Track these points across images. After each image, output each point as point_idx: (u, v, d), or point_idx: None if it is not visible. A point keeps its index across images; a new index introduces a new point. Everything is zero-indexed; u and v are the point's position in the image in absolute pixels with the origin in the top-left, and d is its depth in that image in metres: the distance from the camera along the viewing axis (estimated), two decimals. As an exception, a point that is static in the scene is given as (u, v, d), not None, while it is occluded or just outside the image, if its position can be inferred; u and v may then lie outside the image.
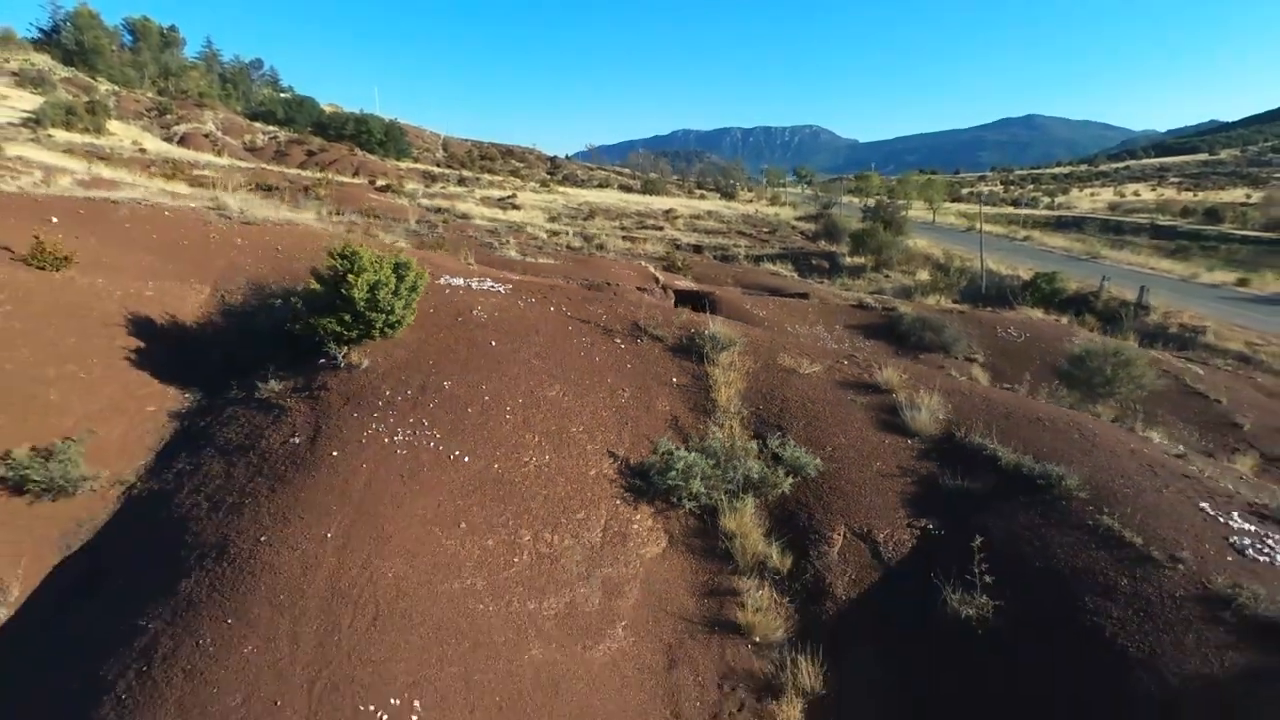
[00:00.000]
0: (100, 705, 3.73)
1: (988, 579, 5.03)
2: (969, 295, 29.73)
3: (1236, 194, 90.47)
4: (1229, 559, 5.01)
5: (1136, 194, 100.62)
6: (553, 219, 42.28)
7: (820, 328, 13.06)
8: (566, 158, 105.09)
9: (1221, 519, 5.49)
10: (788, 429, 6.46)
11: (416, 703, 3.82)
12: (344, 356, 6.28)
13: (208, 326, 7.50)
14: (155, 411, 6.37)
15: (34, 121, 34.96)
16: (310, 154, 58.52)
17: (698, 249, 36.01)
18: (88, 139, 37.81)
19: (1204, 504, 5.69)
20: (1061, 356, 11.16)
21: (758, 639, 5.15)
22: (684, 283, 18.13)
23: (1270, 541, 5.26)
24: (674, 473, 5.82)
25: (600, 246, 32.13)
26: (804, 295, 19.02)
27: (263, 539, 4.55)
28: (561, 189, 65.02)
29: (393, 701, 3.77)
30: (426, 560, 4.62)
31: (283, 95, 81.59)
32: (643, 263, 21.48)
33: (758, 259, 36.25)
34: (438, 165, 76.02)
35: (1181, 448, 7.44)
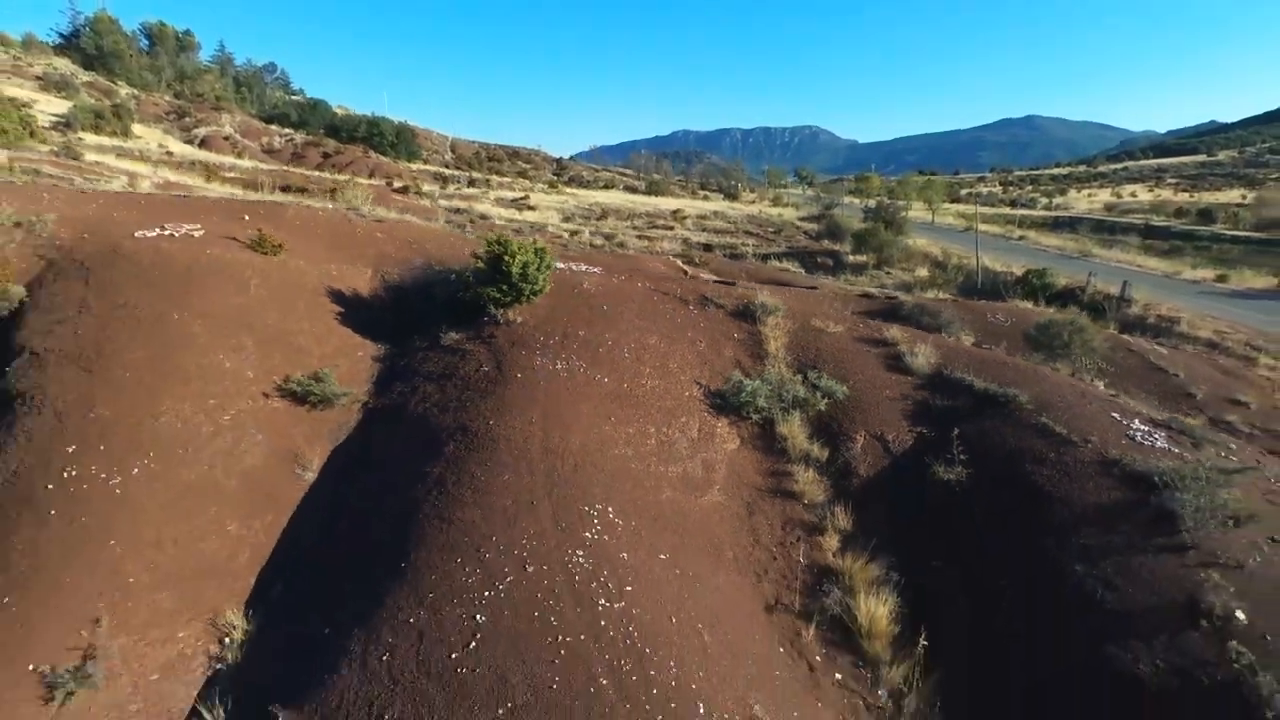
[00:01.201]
0: (421, 512, 6.31)
1: (962, 457, 7.65)
2: (965, 290, 32.31)
3: (1233, 195, 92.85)
4: (1124, 442, 7.64)
5: (1134, 195, 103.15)
6: (567, 219, 44.87)
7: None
8: (571, 158, 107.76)
9: (1125, 422, 8.13)
10: (821, 368, 9.09)
11: (610, 509, 6.42)
12: (502, 315, 8.90)
13: (379, 297, 10.09)
14: (363, 356, 8.96)
15: (64, 125, 37.26)
16: (326, 156, 60.36)
17: (708, 247, 38.57)
18: (115, 142, 40.21)
19: (1115, 414, 8.32)
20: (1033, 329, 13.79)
21: (806, 501, 7.75)
22: (706, 275, 20.73)
23: (1155, 436, 7.89)
24: (744, 394, 8.44)
25: (621, 244, 34.71)
26: (813, 288, 21.65)
27: (491, 422, 7.15)
28: (569, 190, 67.58)
29: (597, 506, 6.37)
30: (595, 437, 7.22)
31: (293, 98, 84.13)
32: (669, 257, 24.06)
33: (765, 257, 38.79)
34: (446, 167, 78.62)
35: (1114, 391, 10.05)
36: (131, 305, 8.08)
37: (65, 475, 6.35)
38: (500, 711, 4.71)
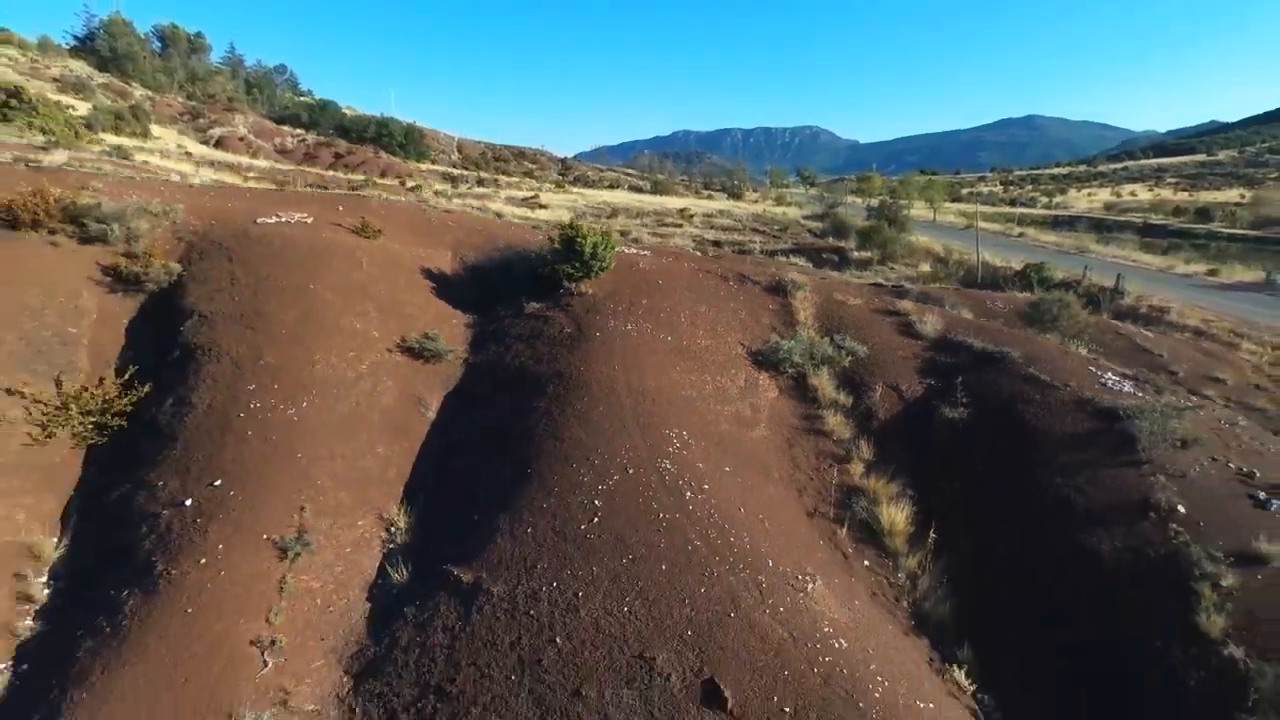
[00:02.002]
0: (536, 434, 8.06)
1: (964, 401, 9.42)
2: (966, 284, 34.02)
3: (1231, 194, 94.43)
4: (1097, 387, 9.42)
5: (1133, 194, 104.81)
6: (578, 218, 46.55)
7: (847, 294, 17.47)
8: (575, 158, 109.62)
9: (1099, 374, 9.91)
10: (844, 332, 10.87)
11: (683, 433, 8.18)
12: (575, 288, 10.66)
13: (459, 274, 11.86)
14: (457, 323, 10.71)
15: (86, 126, 38.89)
16: (338, 156, 61.71)
17: (717, 244, 40.31)
18: (135, 142, 41.88)
19: (1092, 369, 10.10)
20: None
21: (835, 437, 9.51)
22: (728, 265, 22.39)
23: (1123, 384, 9.66)
24: (780, 353, 10.21)
25: (635, 240, 36.45)
26: (823, 280, 23.40)
27: (581, 369, 8.91)
28: (576, 190, 69.31)
29: (673, 431, 8.13)
30: (665, 381, 8.99)
31: (301, 99, 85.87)
32: (683, 249, 25.82)
33: (772, 253, 40.54)
34: (453, 167, 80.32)
35: (1095, 357, 11.81)
36: (273, 278, 9.83)
37: (252, 407, 8.10)
38: (624, 561, 6.46)
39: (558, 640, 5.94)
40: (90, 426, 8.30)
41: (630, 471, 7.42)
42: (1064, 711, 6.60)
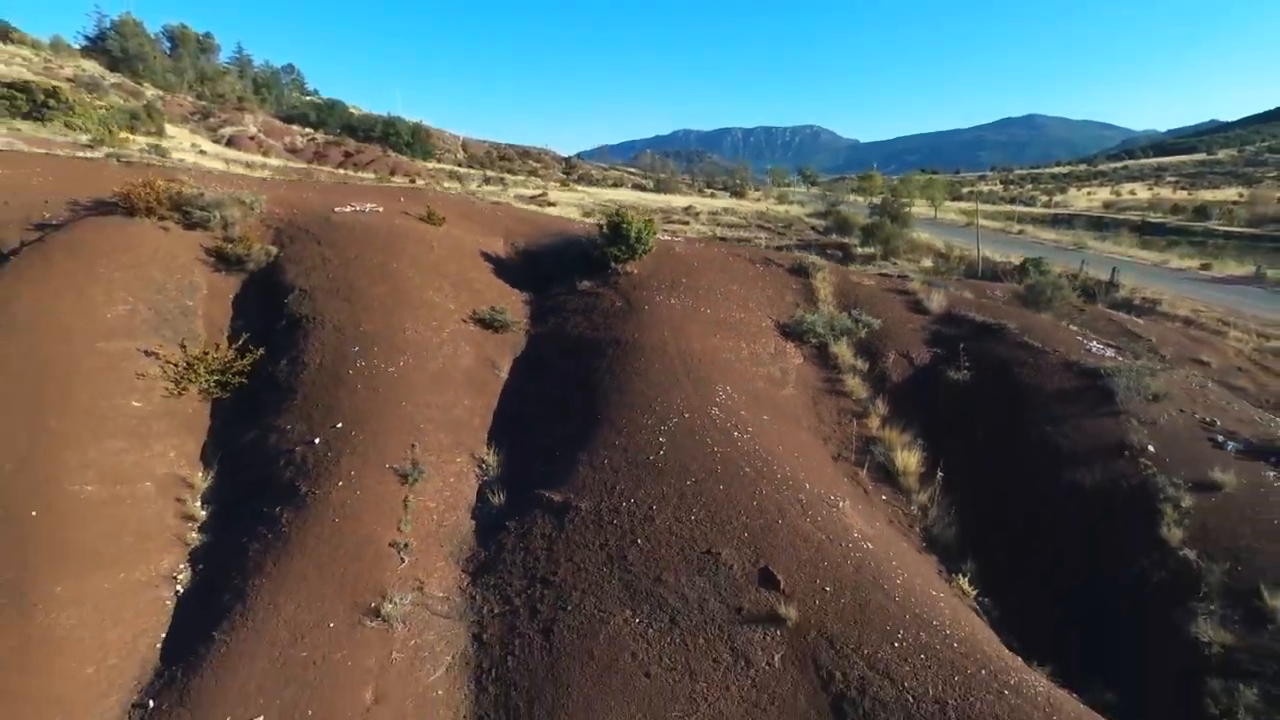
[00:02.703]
0: (600, 388, 9.51)
1: (966, 365, 10.89)
2: (967, 278, 35.51)
3: (1230, 193, 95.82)
4: (1082, 352, 10.90)
5: (1133, 193, 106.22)
6: (587, 214, 48.01)
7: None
8: (577, 157, 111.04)
9: (1085, 342, 11.39)
10: (860, 308, 12.34)
11: (727, 387, 9.65)
12: (622, 268, 12.12)
13: (512, 258, 13.31)
14: (516, 299, 12.17)
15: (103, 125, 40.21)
16: (347, 154, 62.82)
17: (724, 240, 41.76)
18: (151, 140, 43.26)
19: (1079, 337, 11.58)
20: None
21: (854, 397, 10.97)
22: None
23: (1105, 350, 11.14)
24: (804, 325, 11.68)
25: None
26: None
27: (635, 335, 10.37)
28: (581, 188, 70.68)
29: (718, 385, 9.60)
30: (708, 345, 10.45)
31: (307, 98, 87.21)
32: (702, 244, 27.29)
33: (779, 249, 41.90)
34: (459, 166, 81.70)
35: (1082, 329, 13.27)
36: (360, 258, 11.28)
37: (358, 365, 9.55)
38: (688, 483, 7.92)
39: (639, 541, 7.40)
40: (214, 383, 9.74)
41: (686, 416, 8.88)
42: (1045, 607, 8.06)
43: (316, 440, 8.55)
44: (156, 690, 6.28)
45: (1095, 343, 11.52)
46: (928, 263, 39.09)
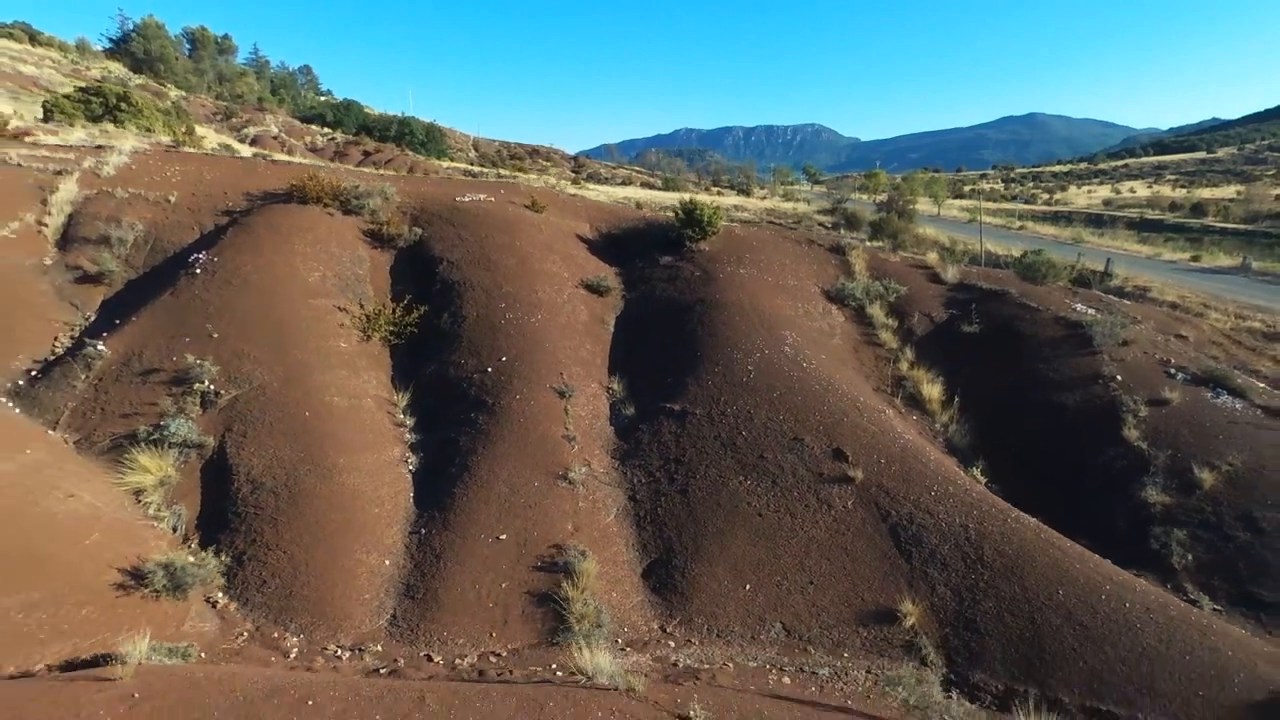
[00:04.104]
0: (697, 335, 12.54)
1: (977, 320, 13.96)
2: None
3: (1228, 191, 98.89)
4: (1070, 310, 13.97)
5: (1132, 191, 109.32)
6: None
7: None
8: (579, 156, 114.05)
9: (1072, 303, 14.45)
10: (888, 279, 15.38)
11: (793, 334, 12.71)
12: (695, 246, 15.14)
13: (597, 239, 16.31)
14: (608, 272, 15.16)
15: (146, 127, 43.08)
16: (366, 154, 65.60)
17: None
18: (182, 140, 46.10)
19: (1067, 299, 14.64)
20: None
21: (887, 346, 14.01)
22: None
23: (1089, 309, 14.18)
24: (845, 291, 14.72)
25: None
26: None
27: (716, 296, 13.41)
28: (593, 186, 73.57)
29: (785, 332, 12.64)
30: (773, 305, 13.50)
31: (322, 98, 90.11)
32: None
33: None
34: (472, 164, 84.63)
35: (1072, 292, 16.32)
36: (488, 238, 14.29)
37: (507, 317, 12.55)
38: (773, 395, 10.94)
39: (743, 432, 10.42)
40: (390, 332, 12.71)
41: (765, 352, 11.91)
42: (1038, 488, 11.08)
43: (489, 369, 11.54)
44: (424, 523, 9.28)
45: (1080, 303, 14.57)
46: (933, 255, 42.23)
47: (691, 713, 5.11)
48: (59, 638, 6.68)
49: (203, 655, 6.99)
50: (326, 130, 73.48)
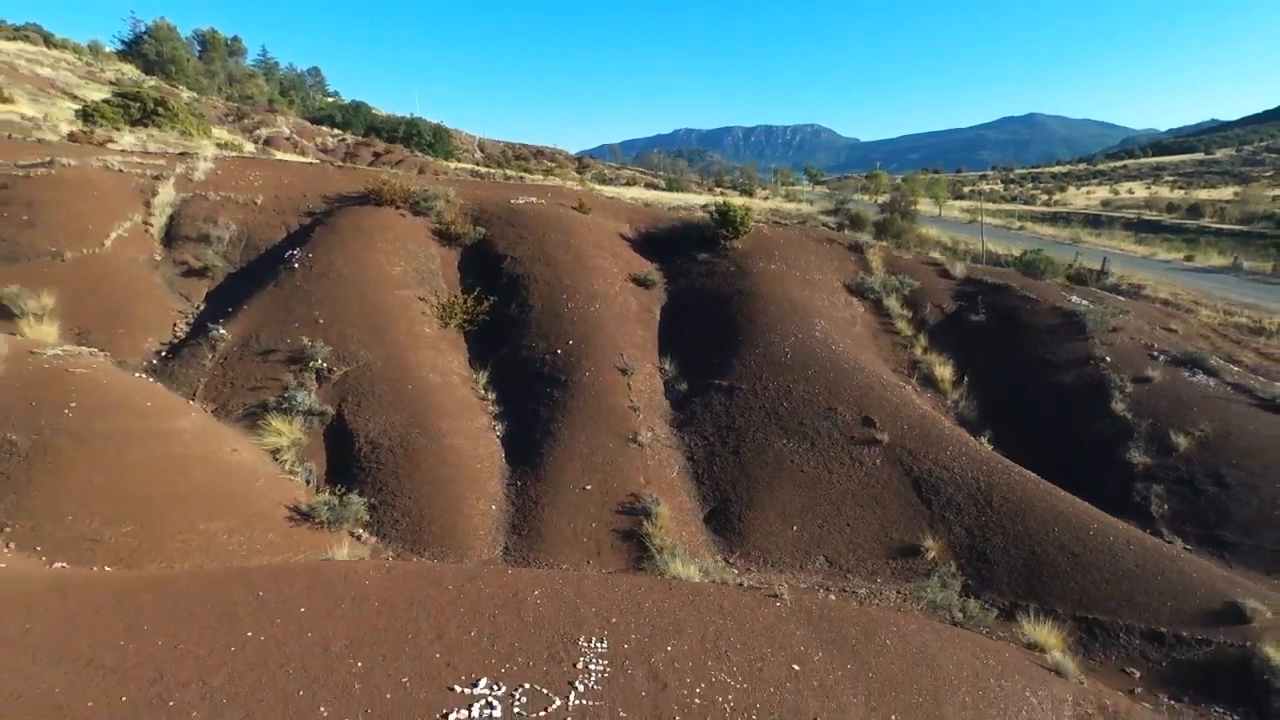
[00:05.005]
0: (737, 321, 14.37)
1: (982, 310, 15.82)
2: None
3: (1226, 192, 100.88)
4: (1066, 301, 15.83)
5: (1130, 191, 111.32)
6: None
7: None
8: (579, 156, 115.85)
9: (1068, 295, 16.32)
10: (903, 274, 17.22)
11: (822, 321, 14.53)
12: (728, 244, 16.96)
13: (636, 238, 18.12)
14: (651, 266, 16.97)
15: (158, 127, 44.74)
16: (377, 155, 67.17)
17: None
18: (194, 140, 47.78)
19: (1064, 292, 16.50)
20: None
21: (902, 334, 15.86)
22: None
23: (1083, 301, 16.04)
24: (864, 285, 16.56)
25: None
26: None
27: (751, 288, 15.24)
28: (598, 186, 75.28)
29: (816, 320, 14.47)
30: (802, 296, 15.34)
31: (330, 99, 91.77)
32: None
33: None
34: (478, 165, 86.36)
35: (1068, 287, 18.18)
36: (545, 236, 16.09)
37: (569, 307, 14.34)
38: (809, 372, 12.75)
39: (784, 403, 12.23)
40: (465, 320, 14.49)
41: (799, 336, 13.73)
42: (1037, 453, 12.90)
43: (559, 351, 13.33)
44: (519, 477, 11.08)
45: (1074, 296, 16.42)
46: (936, 254, 44.18)
47: (780, 592, 6.86)
48: (256, 555, 8.46)
49: (367, 570, 8.77)
50: (336, 131, 75.04)
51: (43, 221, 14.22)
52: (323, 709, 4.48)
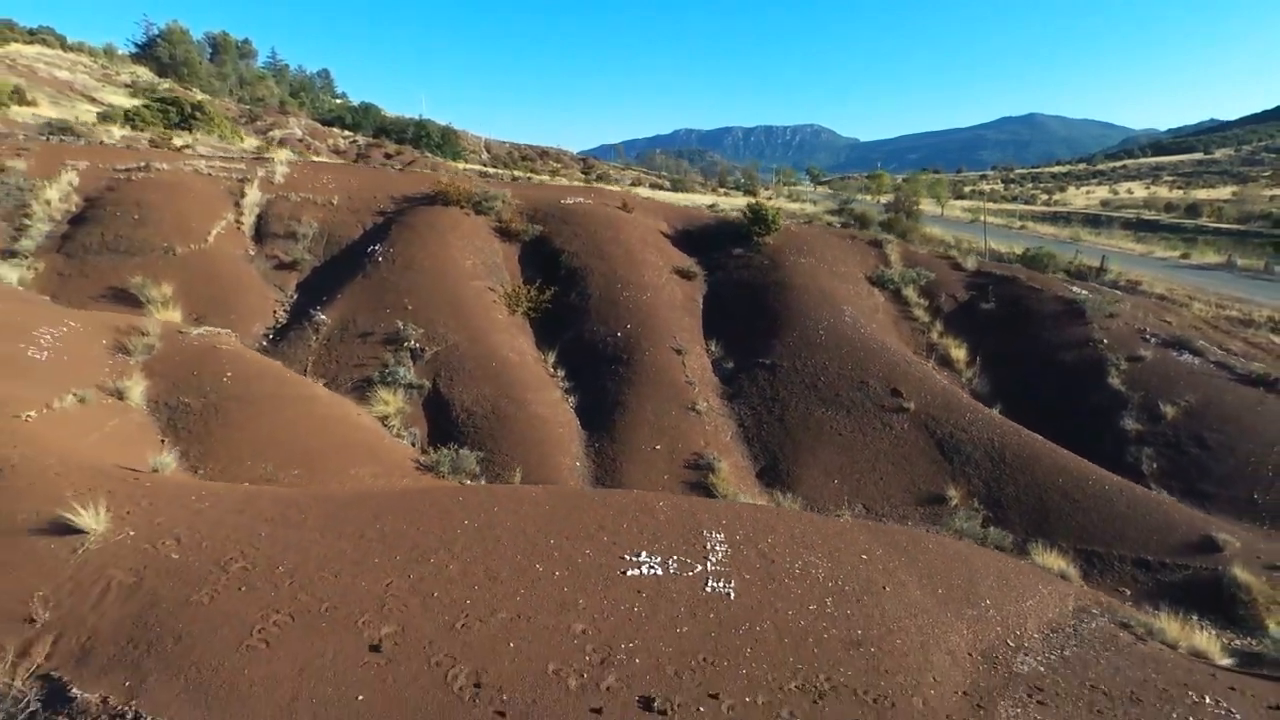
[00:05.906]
0: (774, 309, 16.26)
1: (993, 299, 17.75)
2: (978, 262, 41.90)
3: (1224, 191, 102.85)
4: (1067, 290, 17.75)
5: (1130, 191, 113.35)
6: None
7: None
8: (587, 155, 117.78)
9: (1070, 285, 18.23)
10: (919, 267, 19.12)
11: (849, 308, 16.43)
12: (761, 241, 18.85)
13: (675, 234, 20.01)
14: (690, 260, 18.84)
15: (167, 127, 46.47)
16: (388, 156, 68.84)
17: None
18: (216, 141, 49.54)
19: (1065, 283, 18.42)
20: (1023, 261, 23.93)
21: (920, 321, 17.77)
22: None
23: (1083, 290, 17.96)
24: (884, 277, 18.46)
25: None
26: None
27: (785, 279, 17.14)
28: (603, 186, 77.12)
29: (845, 307, 16.36)
30: (830, 286, 17.25)
31: (338, 100, 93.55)
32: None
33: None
34: (485, 165, 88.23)
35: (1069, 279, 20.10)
36: (596, 233, 17.96)
37: (624, 295, 16.21)
38: (842, 351, 14.64)
39: (821, 378, 14.11)
40: (530, 308, 16.34)
41: (831, 321, 15.62)
42: (1041, 422, 14.78)
43: (619, 334, 15.19)
44: (596, 440, 12.93)
45: (1075, 286, 18.34)
46: (949, 250, 46.20)
47: (841, 514, 8.71)
48: (398, 494, 10.28)
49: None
50: (347, 133, 76.73)
51: (153, 220, 16.06)
52: (538, 566, 6.31)
